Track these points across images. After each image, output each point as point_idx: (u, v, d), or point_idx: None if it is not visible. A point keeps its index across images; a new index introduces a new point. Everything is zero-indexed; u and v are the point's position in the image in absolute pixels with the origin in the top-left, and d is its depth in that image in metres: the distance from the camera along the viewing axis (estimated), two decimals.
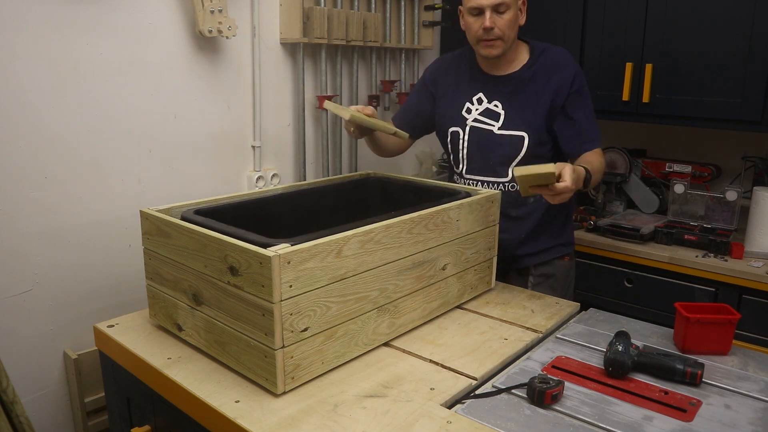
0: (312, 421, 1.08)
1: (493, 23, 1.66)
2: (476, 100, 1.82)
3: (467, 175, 1.85)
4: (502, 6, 1.65)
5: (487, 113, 1.80)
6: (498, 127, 1.78)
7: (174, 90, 1.96)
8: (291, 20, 2.22)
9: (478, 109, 1.81)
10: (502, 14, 1.66)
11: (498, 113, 1.78)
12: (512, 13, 1.68)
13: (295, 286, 1.12)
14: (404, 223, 1.34)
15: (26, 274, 1.70)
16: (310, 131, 2.43)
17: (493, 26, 1.66)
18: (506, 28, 1.68)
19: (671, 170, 2.55)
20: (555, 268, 1.89)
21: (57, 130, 1.71)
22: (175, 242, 1.30)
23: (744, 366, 1.31)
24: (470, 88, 1.83)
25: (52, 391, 1.82)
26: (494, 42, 1.69)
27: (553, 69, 1.75)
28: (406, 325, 1.42)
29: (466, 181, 1.85)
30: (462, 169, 1.86)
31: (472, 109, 1.82)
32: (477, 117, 1.81)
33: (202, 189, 2.08)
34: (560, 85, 1.73)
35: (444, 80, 1.89)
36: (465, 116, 1.83)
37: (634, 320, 1.54)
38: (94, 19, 1.73)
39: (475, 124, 1.81)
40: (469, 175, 1.84)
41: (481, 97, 1.81)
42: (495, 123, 1.78)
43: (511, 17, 1.68)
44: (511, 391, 1.18)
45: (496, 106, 1.78)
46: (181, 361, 1.29)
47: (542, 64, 1.76)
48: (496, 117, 1.78)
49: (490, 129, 1.78)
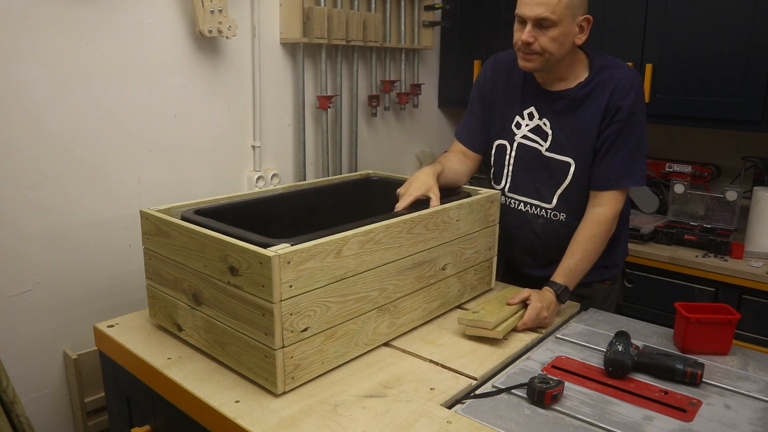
0: (312, 421, 1.08)
1: (534, 37, 1.49)
2: (527, 115, 1.66)
3: (509, 194, 1.72)
4: (547, 21, 1.46)
5: (537, 131, 1.65)
6: (546, 149, 1.64)
7: (174, 90, 1.96)
8: (291, 20, 2.22)
9: (528, 124, 1.66)
10: (547, 29, 1.48)
11: (546, 133, 1.63)
12: (560, 30, 1.48)
13: (295, 286, 1.12)
14: (404, 223, 1.34)
15: (26, 274, 1.70)
16: (310, 131, 2.43)
17: (531, 41, 1.49)
18: (549, 45, 1.49)
19: (671, 170, 2.55)
20: (592, 290, 1.71)
21: (57, 130, 1.70)
22: (175, 242, 1.30)
23: (744, 366, 1.31)
24: (523, 100, 1.67)
25: (52, 391, 1.82)
26: (531, 57, 1.52)
27: (610, 91, 1.56)
28: (406, 325, 1.42)
29: (508, 199, 1.73)
30: (504, 186, 1.73)
31: (522, 123, 1.67)
32: (526, 133, 1.66)
33: (202, 189, 2.08)
34: (610, 110, 1.55)
35: (498, 85, 1.73)
36: (514, 131, 1.68)
37: (634, 320, 1.54)
38: (94, 20, 1.73)
39: (523, 141, 1.67)
40: (511, 193, 1.72)
41: (532, 111, 1.65)
42: (543, 143, 1.64)
43: (557, 35, 1.48)
44: (511, 391, 1.18)
45: (545, 124, 1.63)
46: (181, 361, 1.29)
47: (599, 83, 1.58)
48: (544, 136, 1.64)
49: (539, 149, 1.64)
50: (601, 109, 1.56)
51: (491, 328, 1.34)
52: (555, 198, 1.65)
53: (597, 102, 1.57)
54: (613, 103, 1.55)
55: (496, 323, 1.36)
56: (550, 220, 1.67)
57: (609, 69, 1.59)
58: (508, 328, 1.38)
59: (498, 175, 1.75)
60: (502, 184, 1.74)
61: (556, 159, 1.63)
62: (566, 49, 1.54)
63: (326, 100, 2.36)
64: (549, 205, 1.66)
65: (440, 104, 3.13)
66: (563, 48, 1.52)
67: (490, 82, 1.75)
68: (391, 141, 2.88)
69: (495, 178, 1.77)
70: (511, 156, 1.70)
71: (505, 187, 1.74)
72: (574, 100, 1.60)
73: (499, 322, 1.37)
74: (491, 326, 1.35)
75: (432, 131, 3.11)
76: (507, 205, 1.74)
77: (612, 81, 1.56)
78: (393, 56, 2.72)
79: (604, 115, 1.56)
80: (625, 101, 1.54)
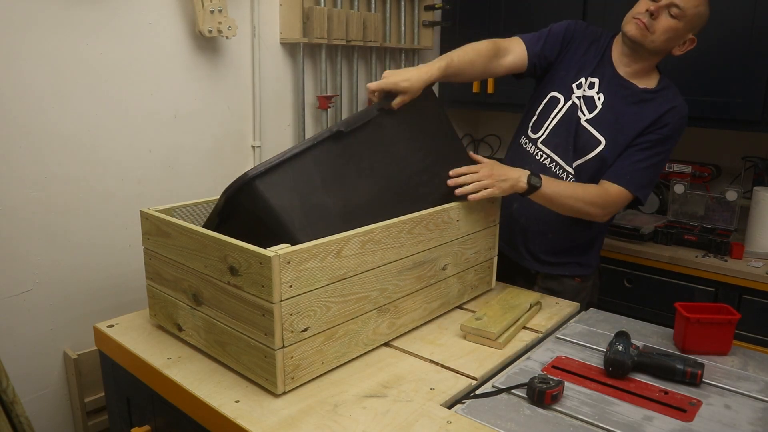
0: (312, 421, 1.08)
1: (657, 13, 1.56)
2: (589, 84, 1.70)
3: (541, 145, 1.73)
4: (676, 10, 1.55)
5: (588, 100, 1.70)
6: (586, 119, 1.68)
7: (174, 90, 1.96)
8: (291, 20, 2.22)
9: (585, 91, 1.70)
10: (670, 18, 1.56)
11: (595, 105, 1.69)
12: (678, 26, 1.57)
13: (295, 286, 1.12)
14: (404, 223, 1.34)
15: (26, 274, 1.70)
16: (310, 131, 2.43)
17: (656, 14, 1.56)
18: (661, 30, 1.57)
19: (671, 170, 2.54)
20: (563, 285, 1.78)
21: (57, 130, 1.71)
22: (175, 242, 1.30)
23: (744, 366, 1.31)
24: (592, 68, 1.72)
25: (52, 391, 1.82)
26: (643, 27, 1.58)
27: (666, 108, 1.63)
28: (406, 325, 1.42)
29: (537, 150, 1.74)
30: (539, 136, 1.74)
31: (584, 86, 1.71)
32: (582, 95, 1.70)
33: (202, 189, 2.08)
34: (658, 123, 1.63)
35: (581, 43, 1.76)
36: (573, 89, 1.72)
37: (634, 320, 1.54)
38: (94, 20, 1.73)
39: (576, 101, 1.71)
40: (543, 146, 1.73)
41: (595, 83, 1.70)
42: (587, 113, 1.69)
43: (673, 26, 1.57)
44: (511, 391, 1.18)
45: (599, 98, 1.68)
46: (181, 361, 1.29)
47: (661, 98, 1.66)
48: (592, 107, 1.69)
49: (579, 116, 1.69)
50: (650, 119, 1.63)
51: (494, 339, 1.35)
52: (574, 165, 1.70)
53: (651, 111, 1.64)
54: (665, 119, 1.63)
55: (499, 333, 1.36)
56: None
57: (672, 90, 1.68)
58: (510, 337, 1.39)
59: (538, 125, 1.76)
60: (538, 134, 1.75)
61: (590, 132, 1.68)
62: (666, 48, 1.62)
63: (326, 100, 2.36)
64: (569, 168, 1.70)
65: None
66: (667, 43, 1.60)
67: (578, 37, 1.76)
68: None
69: (534, 126, 1.77)
70: (561, 111, 1.72)
71: (539, 137, 1.74)
72: (635, 96, 1.66)
73: (501, 332, 1.38)
74: (494, 337, 1.35)
75: None
76: (533, 155, 1.75)
77: (671, 102, 1.64)
78: (393, 56, 2.72)
79: (650, 124, 1.63)
80: (672, 122, 1.63)
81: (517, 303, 1.51)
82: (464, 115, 3.30)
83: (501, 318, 1.42)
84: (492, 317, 1.42)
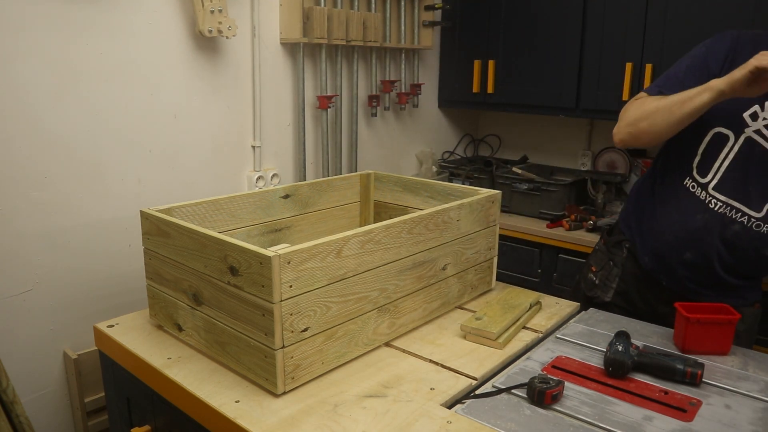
0: (312, 421, 1.08)
1: None
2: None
3: (714, 192, 1.48)
4: None
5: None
6: None
7: (174, 90, 1.97)
8: (291, 20, 2.22)
9: (766, 118, 1.43)
10: None
11: None
12: None
13: (295, 286, 1.12)
14: (404, 223, 1.34)
15: (26, 274, 1.70)
16: (310, 131, 2.43)
17: None
18: None
19: None
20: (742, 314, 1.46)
21: (57, 130, 1.71)
22: (175, 242, 1.30)
23: (744, 366, 1.31)
24: None
25: (52, 391, 1.82)
26: None
27: None
28: (406, 325, 1.42)
29: (709, 197, 1.49)
30: (710, 181, 1.49)
31: (761, 115, 1.43)
32: (761, 129, 1.43)
33: (202, 189, 2.08)
34: None
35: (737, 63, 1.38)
36: (747, 121, 1.44)
37: (634, 320, 1.54)
38: (93, 19, 1.73)
39: (754, 136, 1.43)
40: (717, 192, 1.48)
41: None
42: None
43: None
44: (511, 391, 1.18)
45: None
46: (181, 361, 1.29)
47: None
48: None
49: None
50: None
51: (494, 339, 1.35)
52: (765, 207, 1.45)
53: None
54: None
55: (498, 333, 1.36)
56: (749, 229, 1.46)
57: None
58: (510, 337, 1.39)
59: (705, 167, 1.50)
60: (708, 178, 1.50)
61: None
62: None
63: (326, 100, 2.36)
64: (756, 213, 1.45)
65: (440, 104, 3.13)
66: None
67: (730, 58, 1.47)
68: (391, 141, 2.88)
69: (699, 169, 1.52)
70: (732, 150, 1.46)
71: (710, 183, 1.49)
72: None
73: (501, 332, 1.38)
74: (494, 337, 1.35)
75: (432, 131, 3.11)
76: (705, 202, 1.50)
77: None
78: (393, 56, 2.72)
79: None
80: None
81: (517, 303, 1.50)
82: (464, 115, 3.31)
83: (501, 318, 1.42)
84: (492, 317, 1.42)
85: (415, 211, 1.51)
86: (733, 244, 1.48)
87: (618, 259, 1.69)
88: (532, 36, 2.69)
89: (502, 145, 3.30)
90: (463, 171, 2.93)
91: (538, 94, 2.71)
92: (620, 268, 1.69)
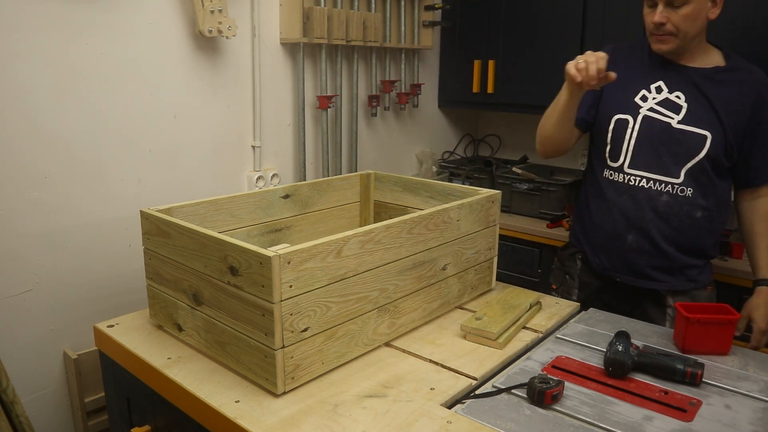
0: (312, 421, 1.08)
1: (666, 18, 1.54)
2: (655, 89, 1.64)
3: (629, 170, 1.66)
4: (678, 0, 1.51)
5: (666, 104, 1.62)
6: (677, 121, 1.60)
7: (174, 90, 1.96)
8: (291, 20, 2.22)
9: (656, 98, 1.63)
10: (678, 8, 1.52)
11: (679, 105, 1.60)
12: (692, 7, 1.52)
13: (295, 286, 1.12)
14: (404, 223, 1.34)
15: (26, 274, 1.70)
16: (310, 131, 2.43)
17: (664, 21, 1.54)
18: (682, 24, 1.54)
19: None
20: (695, 299, 1.69)
21: (57, 130, 1.71)
22: (175, 242, 1.30)
23: (744, 366, 1.31)
24: (649, 75, 1.66)
25: (52, 391, 1.82)
26: (665, 37, 1.57)
27: (759, 87, 1.59)
28: (406, 325, 1.42)
29: (626, 176, 1.66)
30: (623, 162, 1.67)
31: (649, 97, 1.64)
32: (653, 106, 1.63)
33: (202, 189, 2.08)
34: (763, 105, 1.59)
35: (617, 65, 1.61)
36: (639, 103, 1.65)
37: (634, 320, 1.54)
38: (93, 19, 1.73)
39: (650, 114, 1.63)
40: (632, 169, 1.65)
41: (661, 85, 1.63)
42: (674, 115, 1.61)
43: (690, 12, 1.52)
44: (511, 391, 1.18)
45: (678, 97, 1.61)
46: (181, 361, 1.29)
47: (741, 72, 1.61)
48: (676, 109, 1.61)
49: (668, 122, 1.61)
50: (750, 100, 1.59)
51: (494, 339, 1.35)
52: (683, 172, 1.61)
53: (741, 91, 1.59)
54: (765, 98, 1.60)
55: (498, 333, 1.36)
56: (676, 196, 1.62)
57: (748, 66, 1.64)
58: (510, 337, 1.39)
59: (616, 151, 1.69)
60: (620, 161, 1.68)
61: (691, 131, 1.60)
62: (700, 26, 1.57)
63: (326, 100, 2.36)
64: (676, 180, 1.62)
65: (440, 104, 3.13)
66: (697, 24, 1.56)
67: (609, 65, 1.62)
68: (391, 141, 2.88)
69: (612, 155, 1.70)
70: (634, 130, 1.65)
71: (624, 163, 1.67)
72: (713, 80, 1.61)
73: (501, 332, 1.38)
74: (494, 337, 1.35)
75: (432, 131, 3.11)
76: (625, 183, 1.67)
77: (756, 76, 1.62)
78: (393, 56, 2.72)
79: (754, 108, 1.59)
80: None
81: (517, 303, 1.51)
82: (464, 115, 3.30)
83: (501, 318, 1.42)
84: (492, 317, 1.42)
85: (415, 211, 1.51)
86: (667, 214, 1.63)
87: (573, 271, 1.82)
88: (532, 36, 2.69)
89: (502, 145, 3.30)
90: (463, 171, 2.93)
91: (538, 94, 2.70)
92: (576, 279, 1.80)
